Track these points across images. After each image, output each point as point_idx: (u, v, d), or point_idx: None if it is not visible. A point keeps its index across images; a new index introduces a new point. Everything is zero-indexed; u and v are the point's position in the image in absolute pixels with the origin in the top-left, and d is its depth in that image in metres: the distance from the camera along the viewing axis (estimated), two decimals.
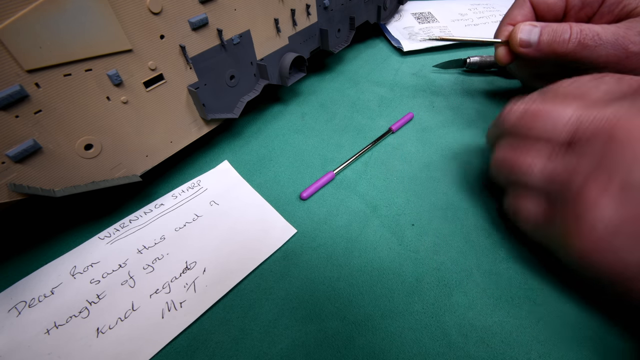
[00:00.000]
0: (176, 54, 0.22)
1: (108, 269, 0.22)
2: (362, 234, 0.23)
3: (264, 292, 0.21)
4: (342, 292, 0.20)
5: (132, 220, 0.24)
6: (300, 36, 0.31)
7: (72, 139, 0.19)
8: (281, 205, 0.25)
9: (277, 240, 0.23)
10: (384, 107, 0.34)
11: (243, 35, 0.26)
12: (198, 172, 0.28)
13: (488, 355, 0.18)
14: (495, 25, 0.45)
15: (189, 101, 0.25)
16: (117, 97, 0.20)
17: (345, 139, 0.30)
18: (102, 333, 0.19)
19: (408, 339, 0.18)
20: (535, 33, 0.24)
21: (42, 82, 0.17)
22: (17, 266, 0.22)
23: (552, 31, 0.23)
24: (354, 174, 0.27)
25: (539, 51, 0.24)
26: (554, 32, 0.23)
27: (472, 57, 0.37)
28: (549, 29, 0.23)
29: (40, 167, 0.19)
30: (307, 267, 0.22)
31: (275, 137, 0.31)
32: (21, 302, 0.20)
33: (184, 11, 0.21)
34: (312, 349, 0.18)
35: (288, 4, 0.28)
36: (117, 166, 0.22)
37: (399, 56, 0.41)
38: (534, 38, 0.24)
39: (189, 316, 0.19)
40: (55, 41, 0.17)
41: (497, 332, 0.18)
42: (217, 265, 0.22)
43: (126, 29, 0.19)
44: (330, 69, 0.40)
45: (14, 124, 0.17)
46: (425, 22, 0.46)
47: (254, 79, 0.29)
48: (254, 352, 0.18)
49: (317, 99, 0.35)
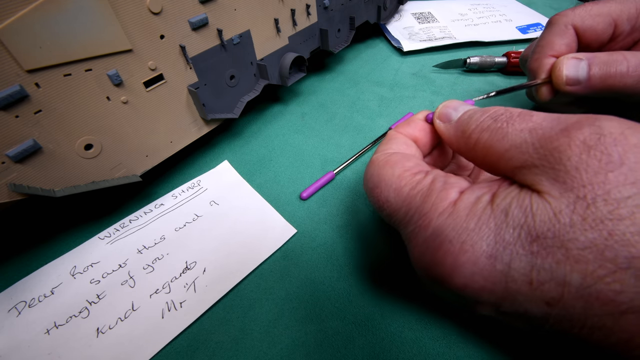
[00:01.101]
0: (176, 54, 0.22)
1: (108, 269, 0.22)
2: (362, 234, 0.23)
3: (264, 292, 0.21)
4: (342, 292, 0.20)
5: (132, 220, 0.24)
6: (300, 36, 0.31)
7: (72, 139, 0.19)
8: (281, 205, 0.25)
9: (277, 240, 0.23)
10: (384, 107, 0.34)
11: (243, 35, 0.26)
12: (198, 172, 0.28)
13: (488, 355, 0.18)
14: (495, 25, 0.45)
15: (189, 101, 0.25)
16: (117, 97, 0.20)
17: (345, 139, 0.30)
18: (102, 333, 0.19)
19: (408, 339, 0.18)
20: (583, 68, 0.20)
21: (42, 82, 0.17)
22: (17, 266, 0.22)
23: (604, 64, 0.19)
24: (354, 174, 0.27)
25: (590, 88, 0.20)
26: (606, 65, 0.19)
27: (472, 57, 0.37)
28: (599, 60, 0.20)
29: (40, 167, 0.19)
30: (307, 267, 0.22)
31: (275, 137, 0.31)
32: (21, 302, 0.20)
33: (184, 11, 0.21)
34: (312, 349, 0.18)
35: (288, 4, 0.28)
36: (117, 166, 0.22)
37: (399, 56, 0.41)
38: (582, 74, 0.20)
39: (189, 316, 0.19)
40: (55, 41, 0.17)
41: (497, 331, 0.18)
42: (217, 265, 0.22)
43: (126, 29, 0.19)
44: (330, 69, 0.39)
45: (14, 124, 0.17)
46: (425, 22, 0.46)
47: (254, 79, 0.29)
48: (254, 352, 0.18)
49: (317, 99, 0.35)
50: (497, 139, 0.14)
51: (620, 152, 0.11)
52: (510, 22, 0.46)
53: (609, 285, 0.11)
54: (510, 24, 0.46)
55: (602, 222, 0.11)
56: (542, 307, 0.12)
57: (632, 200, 0.11)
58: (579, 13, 0.22)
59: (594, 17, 0.21)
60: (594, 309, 0.11)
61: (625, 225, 0.11)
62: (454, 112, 0.17)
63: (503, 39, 0.42)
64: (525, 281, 0.12)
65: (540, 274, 0.12)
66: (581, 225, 0.11)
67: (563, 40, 0.22)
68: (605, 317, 0.11)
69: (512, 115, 0.14)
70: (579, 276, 0.11)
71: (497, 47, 0.42)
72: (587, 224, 0.11)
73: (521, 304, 0.12)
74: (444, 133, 0.17)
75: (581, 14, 0.22)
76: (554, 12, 0.50)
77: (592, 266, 0.11)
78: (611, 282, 0.11)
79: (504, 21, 0.46)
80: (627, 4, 0.21)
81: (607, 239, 0.11)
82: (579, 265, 0.11)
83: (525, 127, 0.13)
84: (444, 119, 0.17)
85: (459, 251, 0.13)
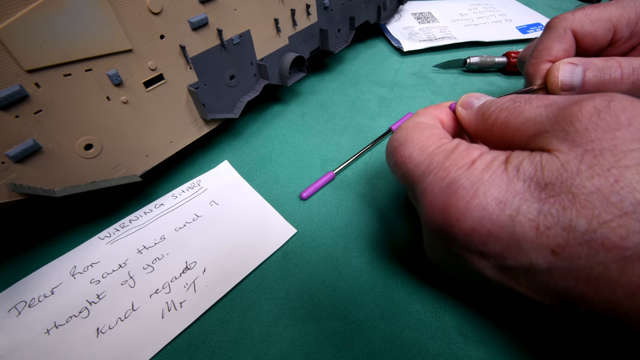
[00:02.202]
0: (176, 54, 0.22)
1: (108, 269, 0.22)
2: (362, 234, 0.23)
3: (264, 292, 0.21)
4: (342, 292, 0.20)
5: (132, 220, 0.24)
6: (300, 36, 0.31)
7: (72, 139, 0.19)
8: (281, 205, 0.25)
9: (277, 240, 0.23)
10: (384, 107, 0.34)
11: (243, 35, 0.26)
12: (198, 172, 0.28)
13: (488, 355, 0.18)
14: (495, 25, 0.45)
15: (189, 101, 0.25)
16: (117, 97, 0.20)
17: (345, 139, 0.30)
18: (102, 333, 0.19)
19: (408, 339, 0.18)
20: (578, 74, 0.20)
21: (42, 82, 0.17)
22: (17, 266, 0.22)
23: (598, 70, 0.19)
24: (354, 174, 0.27)
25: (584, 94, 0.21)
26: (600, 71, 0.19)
27: (472, 57, 0.37)
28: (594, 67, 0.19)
29: (40, 167, 0.19)
30: (307, 267, 0.22)
31: (275, 137, 0.31)
32: (21, 302, 0.20)
33: (184, 11, 0.21)
34: (312, 349, 0.18)
35: (288, 4, 0.28)
36: (117, 166, 0.22)
37: (399, 56, 0.41)
38: (577, 80, 0.20)
39: (189, 316, 0.19)
40: (55, 41, 0.17)
41: (497, 331, 0.18)
42: (217, 265, 0.22)
43: (126, 29, 0.19)
44: (330, 69, 0.39)
45: (14, 124, 0.17)
46: (425, 22, 0.46)
47: (254, 79, 0.29)
48: (254, 352, 0.18)
49: (317, 99, 0.35)
50: (515, 115, 0.15)
51: (629, 116, 0.12)
52: (510, 22, 0.46)
53: (614, 230, 0.11)
54: (510, 24, 0.46)
55: (608, 170, 0.11)
56: (547, 256, 0.12)
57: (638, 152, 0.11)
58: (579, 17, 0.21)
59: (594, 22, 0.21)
60: (598, 256, 0.11)
61: (632, 173, 0.11)
62: (476, 101, 0.18)
63: (503, 39, 0.42)
64: (532, 226, 0.12)
65: (547, 218, 0.12)
66: (588, 172, 0.12)
67: (561, 46, 0.21)
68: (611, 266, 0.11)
69: (530, 97, 0.15)
70: (585, 221, 0.11)
71: (497, 47, 0.42)
72: (594, 171, 0.12)
73: (526, 253, 0.13)
74: (464, 118, 0.18)
75: (581, 19, 0.21)
76: (553, 12, 0.50)
77: (597, 211, 0.11)
78: (616, 226, 0.11)
79: (504, 21, 0.46)
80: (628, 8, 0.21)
81: (613, 185, 0.11)
82: (585, 210, 0.12)
83: (542, 104, 0.14)
84: (466, 107, 0.18)
85: (471, 196, 0.14)
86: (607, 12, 0.21)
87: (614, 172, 0.11)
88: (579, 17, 0.21)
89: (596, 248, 0.11)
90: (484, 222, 0.13)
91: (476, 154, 0.15)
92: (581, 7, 0.22)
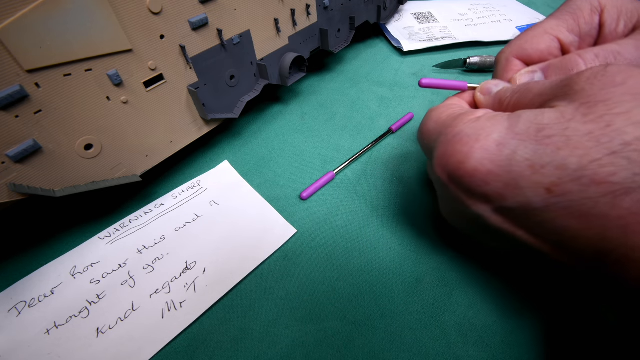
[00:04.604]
0: (176, 54, 0.22)
1: (108, 269, 0.22)
2: (362, 234, 0.23)
3: (264, 292, 0.21)
4: (342, 292, 0.20)
5: (132, 220, 0.24)
6: (300, 36, 0.31)
7: (72, 139, 0.19)
8: (281, 205, 0.25)
9: (277, 240, 0.23)
10: (384, 107, 0.34)
11: (243, 35, 0.26)
12: (198, 172, 0.28)
13: (488, 355, 0.18)
14: (494, 25, 0.45)
15: (189, 101, 0.25)
16: (117, 97, 0.20)
17: (345, 139, 0.30)
18: (102, 333, 0.19)
19: (408, 339, 0.18)
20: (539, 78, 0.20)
21: (42, 82, 0.17)
22: (17, 266, 0.22)
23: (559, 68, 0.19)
24: (354, 174, 0.27)
25: None
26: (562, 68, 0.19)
27: (472, 57, 0.37)
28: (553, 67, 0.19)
29: (40, 167, 0.19)
30: (307, 267, 0.22)
31: (275, 137, 0.31)
32: (21, 302, 0.20)
33: (184, 11, 0.21)
34: (312, 349, 0.18)
35: (288, 4, 0.28)
36: (117, 166, 0.22)
37: (399, 56, 0.41)
38: None
39: (189, 316, 0.19)
40: (55, 41, 0.17)
41: (498, 331, 0.18)
42: (217, 265, 0.22)
43: (126, 29, 0.19)
44: (330, 69, 0.39)
45: (14, 124, 0.17)
46: (425, 22, 0.46)
47: (254, 79, 0.29)
48: (254, 352, 0.18)
49: (317, 99, 0.35)
50: (524, 95, 0.17)
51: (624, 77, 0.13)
52: (510, 22, 0.46)
53: (603, 167, 0.12)
54: (510, 23, 0.46)
55: (600, 117, 0.13)
56: (543, 194, 0.13)
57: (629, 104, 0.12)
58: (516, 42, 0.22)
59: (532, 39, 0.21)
60: (589, 192, 0.12)
61: (622, 119, 0.12)
62: (495, 87, 0.20)
63: (503, 39, 0.42)
64: (528, 165, 0.14)
65: (542, 158, 0.13)
66: (582, 119, 0.13)
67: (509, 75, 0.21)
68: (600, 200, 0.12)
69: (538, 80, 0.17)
70: (576, 160, 0.13)
71: (497, 47, 0.42)
72: (588, 118, 0.13)
73: (523, 191, 0.14)
74: (482, 103, 0.20)
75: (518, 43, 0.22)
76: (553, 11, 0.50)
77: (588, 150, 0.12)
78: (605, 163, 0.12)
79: (503, 21, 0.46)
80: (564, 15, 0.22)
81: (604, 128, 0.12)
82: (577, 150, 0.13)
83: (547, 81, 0.16)
84: (485, 92, 0.20)
85: (474, 140, 0.15)
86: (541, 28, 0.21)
87: (606, 118, 0.13)
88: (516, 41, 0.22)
89: (587, 184, 0.12)
90: (484, 162, 0.15)
91: (482, 112, 0.17)
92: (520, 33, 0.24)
